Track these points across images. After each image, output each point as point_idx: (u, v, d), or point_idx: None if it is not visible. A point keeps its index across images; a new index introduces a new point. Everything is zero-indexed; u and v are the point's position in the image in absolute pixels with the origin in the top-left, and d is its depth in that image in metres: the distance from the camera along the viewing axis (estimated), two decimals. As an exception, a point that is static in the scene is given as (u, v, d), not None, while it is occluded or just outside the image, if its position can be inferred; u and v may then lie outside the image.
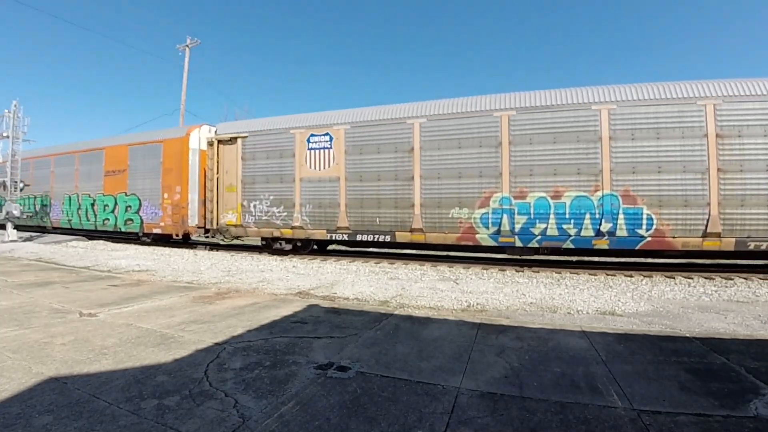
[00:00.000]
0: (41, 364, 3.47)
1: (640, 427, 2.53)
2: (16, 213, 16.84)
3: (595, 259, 11.38)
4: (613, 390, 3.08)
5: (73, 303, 5.86)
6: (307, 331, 4.62)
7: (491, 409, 2.78)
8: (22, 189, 17.37)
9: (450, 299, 6.66)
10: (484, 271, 9.74)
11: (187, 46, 25.37)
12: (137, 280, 8.16)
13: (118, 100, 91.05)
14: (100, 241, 17.13)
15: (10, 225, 16.88)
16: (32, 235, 19.22)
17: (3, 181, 17.09)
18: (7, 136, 16.90)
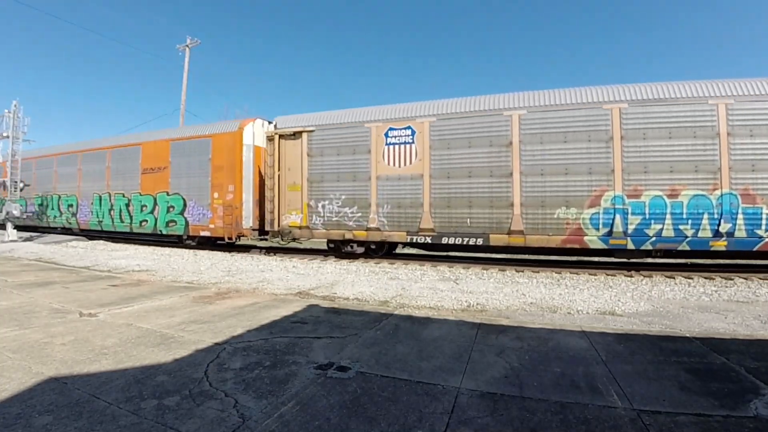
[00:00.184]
0: (41, 364, 3.47)
1: (640, 427, 2.53)
2: (16, 213, 16.85)
3: (595, 259, 11.38)
4: (613, 390, 3.08)
5: (73, 303, 5.86)
6: (307, 331, 4.63)
7: (491, 409, 2.78)
8: (22, 189, 17.36)
9: (450, 299, 6.66)
10: (484, 271, 9.75)
11: (187, 46, 25.40)
12: (137, 280, 8.16)
13: (117, 100, 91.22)
14: (100, 241, 17.13)
15: (10, 225, 16.90)
16: (32, 235, 19.21)
17: (3, 181, 17.09)
18: (7, 136, 16.92)
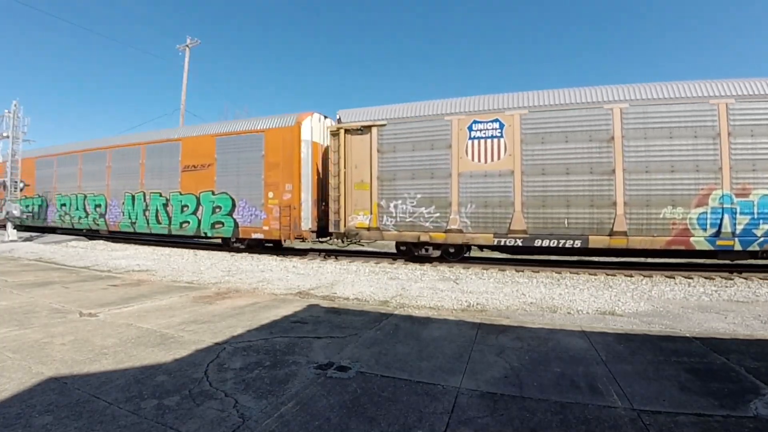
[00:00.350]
0: (41, 364, 3.47)
1: (640, 427, 2.53)
2: (16, 213, 16.85)
3: (595, 259, 11.39)
4: (613, 390, 3.08)
5: (73, 303, 5.86)
6: (307, 331, 4.63)
7: (491, 409, 2.78)
8: (22, 189, 17.36)
9: (450, 299, 6.66)
10: (484, 271, 9.75)
11: (187, 46, 25.40)
12: (137, 280, 8.16)
13: (117, 100, 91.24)
14: (100, 241, 17.12)
15: (10, 225, 16.90)
16: (32, 235, 19.20)
17: (3, 181, 17.09)
18: (7, 136, 16.93)
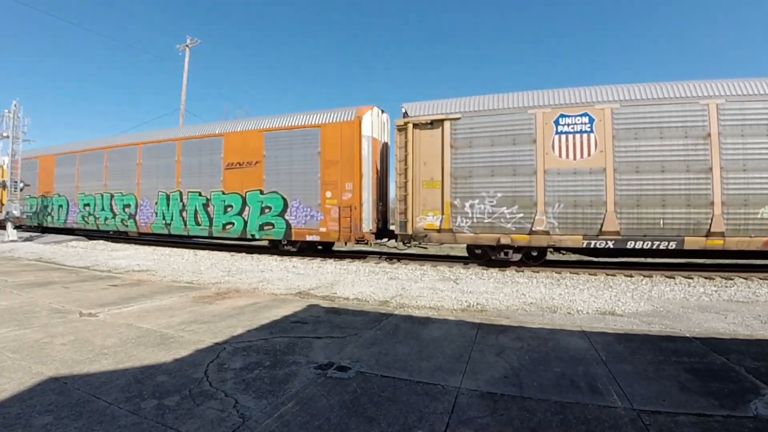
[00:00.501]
0: (41, 364, 3.47)
1: (640, 427, 2.53)
2: (16, 213, 16.87)
3: (595, 260, 11.39)
4: (613, 390, 3.08)
5: (73, 303, 5.86)
6: (307, 331, 4.63)
7: (491, 409, 2.78)
8: (21, 189, 17.36)
9: (450, 299, 6.66)
10: (484, 271, 9.75)
11: (187, 46, 25.39)
12: (137, 280, 8.16)
13: (117, 100, 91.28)
14: (100, 241, 17.13)
15: (10, 225, 16.91)
16: (32, 235, 19.21)
17: (3, 181, 17.11)
18: (7, 136, 16.94)
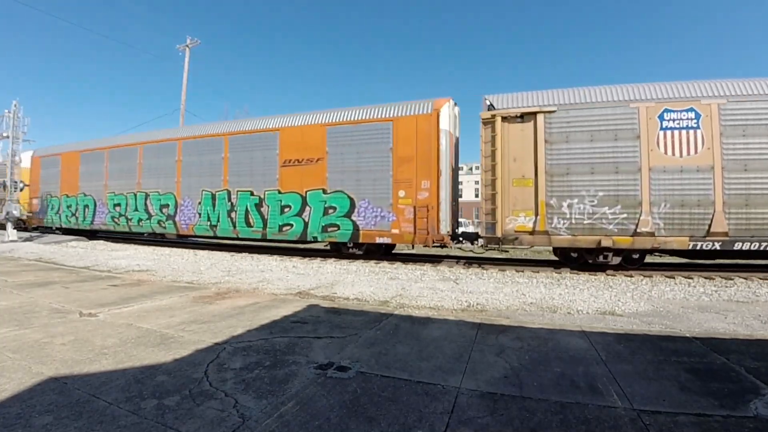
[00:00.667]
0: (41, 364, 3.47)
1: (640, 427, 2.53)
2: (16, 213, 16.88)
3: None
4: (613, 390, 3.08)
5: (73, 303, 5.86)
6: (307, 331, 4.63)
7: (491, 409, 2.78)
8: (21, 189, 17.37)
9: (450, 299, 6.66)
10: (484, 271, 9.75)
11: (187, 46, 25.39)
12: (137, 280, 8.16)
13: (117, 100, 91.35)
14: (100, 241, 17.13)
15: (10, 225, 16.92)
16: (32, 235, 19.21)
17: (3, 181, 17.12)
18: (7, 136, 16.94)
